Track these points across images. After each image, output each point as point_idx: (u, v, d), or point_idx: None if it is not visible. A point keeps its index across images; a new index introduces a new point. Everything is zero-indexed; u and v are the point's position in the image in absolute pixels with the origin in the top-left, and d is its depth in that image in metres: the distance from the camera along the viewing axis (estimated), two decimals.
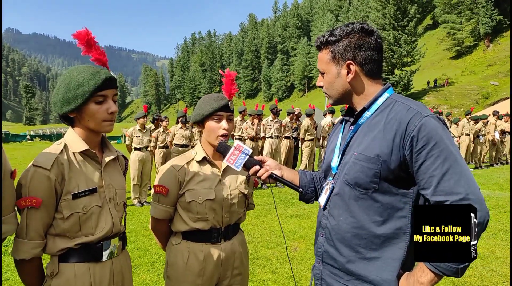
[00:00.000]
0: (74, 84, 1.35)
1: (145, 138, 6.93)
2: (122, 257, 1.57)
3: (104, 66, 1.46)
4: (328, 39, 1.33)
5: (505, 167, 11.66)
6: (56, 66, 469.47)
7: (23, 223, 1.33)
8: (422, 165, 1.14)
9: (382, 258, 1.22)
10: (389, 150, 1.19)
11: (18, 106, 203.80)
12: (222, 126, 1.71)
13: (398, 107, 1.24)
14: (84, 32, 1.41)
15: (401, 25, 43.38)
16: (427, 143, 1.14)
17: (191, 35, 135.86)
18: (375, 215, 1.23)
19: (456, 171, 1.11)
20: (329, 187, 1.38)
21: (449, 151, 1.13)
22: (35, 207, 1.30)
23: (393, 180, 1.21)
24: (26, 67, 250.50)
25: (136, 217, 5.91)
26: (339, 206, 1.32)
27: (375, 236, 1.23)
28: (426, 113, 1.18)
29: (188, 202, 1.70)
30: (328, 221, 1.36)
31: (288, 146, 9.12)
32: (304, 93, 78.65)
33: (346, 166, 1.30)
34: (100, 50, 1.46)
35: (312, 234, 4.96)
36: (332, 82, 1.35)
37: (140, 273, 3.73)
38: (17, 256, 1.34)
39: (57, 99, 1.38)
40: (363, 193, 1.25)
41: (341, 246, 1.30)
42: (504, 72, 39.69)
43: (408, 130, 1.16)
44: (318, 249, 1.41)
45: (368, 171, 1.22)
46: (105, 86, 1.37)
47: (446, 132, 1.17)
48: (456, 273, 1.08)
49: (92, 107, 1.38)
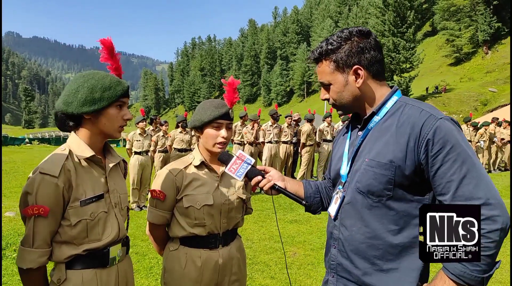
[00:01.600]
0: (101, 87, 1.37)
1: (145, 142, 6.93)
2: (126, 261, 1.58)
3: (119, 77, 1.52)
4: (327, 48, 1.27)
5: (504, 173, 11.67)
6: (56, 69, 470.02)
7: (29, 231, 1.30)
8: (439, 170, 1.10)
9: (400, 269, 1.17)
10: (403, 155, 1.14)
11: (17, 109, 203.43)
12: (221, 134, 1.71)
13: (410, 110, 1.19)
14: (110, 41, 1.51)
15: (400, 31, 43.56)
16: (443, 147, 1.09)
17: (191, 40, 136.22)
18: (390, 224, 1.18)
19: (475, 175, 1.07)
20: (340, 196, 1.32)
21: (467, 155, 1.09)
22: (42, 216, 1.28)
23: (408, 186, 1.16)
24: (26, 70, 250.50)
25: (134, 221, 5.89)
26: (352, 216, 1.26)
27: (392, 246, 1.17)
28: (439, 116, 1.13)
29: (185, 207, 1.69)
30: (340, 232, 1.30)
31: (286, 151, 9.12)
32: (303, 98, 78.73)
33: (357, 174, 1.25)
34: (119, 63, 1.55)
35: (311, 240, 4.95)
36: (340, 91, 1.28)
37: (138, 278, 3.71)
38: (24, 266, 1.31)
39: (75, 99, 1.36)
40: (377, 201, 1.19)
41: (355, 258, 1.23)
42: (503, 79, 39.83)
43: (422, 133, 1.12)
44: (332, 262, 1.33)
45: (381, 178, 1.17)
46: (126, 94, 1.44)
47: (461, 134, 1.13)
48: (481, 283, 1.03)
49: (112, 111, 1.41)
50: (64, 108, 1.38)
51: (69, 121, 1.41)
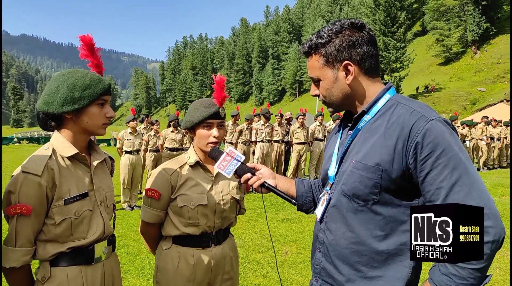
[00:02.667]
0: (81, 85, 1.36)
1: (136, 142, 6.88)
2: (112, 259, 1.57)
3: (100, 74, 1.49)
4: (316, 42, 1.19)
5: (492, 172, 11.85)
6: (45, 68, 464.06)
7: (12, 231, 1.30)
8: (428, 175, 1.03)
9: (384, 277, 1.11)
10: (390, 158, 1.07)
11: (5, 108, 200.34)
12: (212, 133, 1.70)
13: (400, 110, 1.11)
14: (90, 37, 1.48)
15: (391, 31, 43.93)
16: (433, 151, 1.02)
17: (183, 39, 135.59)
18: (376, 229, 1.11)
19: (467, 182, 0.99)
20: (326, 198, 1.26)
21: (458, 159, 1.00)
22: (25, 215, 1.28)
23: (395, 191, 1.10)
24: (14, 68, 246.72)
25: (126, 221, 5.85)
26: (337, 219, 1.20)
27: (377, 252, 1.11)
28: (431, 117, 1.05)
29: (180, 207, 1.68)
30: (325, 236, 1.24)
31: (278, 150, 9.14)
32: (295, 98, 78.93)
33: (344, 175, 1.18)
34: (100, 59, 1.52)
35: (303, 238, 4.97)
36: (330, 88, 1.21)
37: (130, 278, 3.69)
38: (7, 265, 1.31)
39: (55, 99, 1.35)
40: (362, 205, 1.13)
41: (339, 263, 1.18)
42: (491, 79, 40.43)
43: (411, 135, 1.04)
44: (316, 266, 1.28)
45: (367, 181, 1.10)
46: (108, 91, 1.42)
47: (454, 137, 1.05)
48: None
49: (94, 110, 1.40)
50: (44, 108, 1.37)
51: (51, 121, 1.40)
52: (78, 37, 1.47)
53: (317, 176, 9.50)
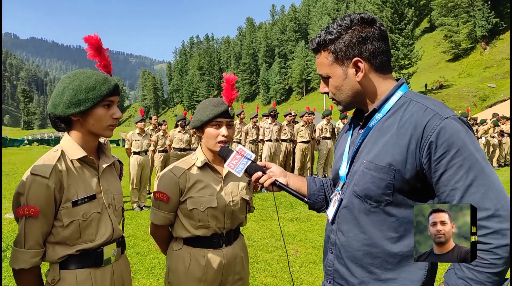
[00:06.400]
0: (85, 87, 1.35)
1: (144, 142, 6.92)
2: (121, 261, 1.57)
3: (109, 74, 1.48)
4: (325, 38, 1.15)
5: (503, 169, 11.68)
6: (54, 70, 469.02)
7: (21, 232, 1.31)
8: (442, 176, 0.99)
9: (398, 280, 1.08)
10: (403, 158, 1.04)
11: (16, 111, 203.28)
12: (221, 132, 1.68)
13: (413, 108, 1.08)
14: (95, 37, 1.46)
15: (399, 28, 43.53)
16: (448, 150, 0.98)
17: (189, 39, 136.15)
18: (389, 231, 1.09)
19: (483, 183, 0.96)
20: (337, 199, 1.23)
21: (474, 159, 0.97)
22: (33, 216, 1.29)
23: (409, 192, 1.07)
24: (24, 71, 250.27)
25: (135, 221, 5.88)
26: (348, 221, 1.17)
27: (390, 254, 1.08)
28: (446, 115, 1.02)
29: (189, 209, 1.68)
30: (337, 237, 1.21)
31: (286, 149, 9.11)
32: (302, 96, 78.71)
33: (355, 176, 1.15)
34: (108, 59, 1.50)
35: (312, 238, 4.95)
36: (339, 85, 1.17)
37: (140, 278, 3.71)
38: (16, 266, 1.32)
39: (61, 101, 1.36)
40: (375, 206, 1.10)
41: (352, 265, 1.15)
42: (501, 74, 39.85)
43: (425, 134, 1.01)
44: (328, 268, 1.25)
45: (379, 182, 1.07)
46: (114, 92, 1.40)
47: (470, 136, 1.01)
48: None
49: (100, 111, 1.39)
50: (52, 110, 1.38)
51: (60, 122, 1.41)
52: (83, 39, 1.46)
53: (325, 175, 9.45)
